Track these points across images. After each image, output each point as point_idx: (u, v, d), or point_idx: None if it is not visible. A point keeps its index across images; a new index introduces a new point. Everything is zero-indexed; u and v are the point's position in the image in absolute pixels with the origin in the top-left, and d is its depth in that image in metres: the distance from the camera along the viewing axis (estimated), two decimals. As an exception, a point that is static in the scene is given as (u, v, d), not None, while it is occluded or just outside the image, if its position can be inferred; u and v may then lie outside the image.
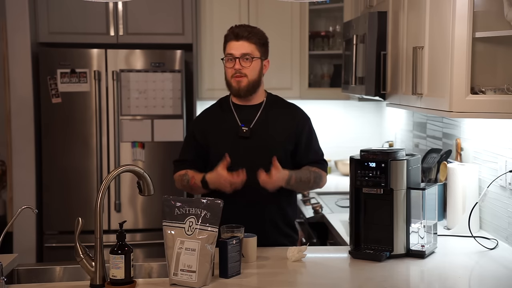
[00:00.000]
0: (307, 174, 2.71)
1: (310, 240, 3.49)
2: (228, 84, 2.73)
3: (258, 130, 2.72)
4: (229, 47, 2.68)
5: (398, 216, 2.47)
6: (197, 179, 2.68)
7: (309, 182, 2.73)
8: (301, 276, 2.32)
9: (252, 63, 2.67)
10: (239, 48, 2.65)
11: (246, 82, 2.68)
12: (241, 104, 2.76)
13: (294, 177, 2.65)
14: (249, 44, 2.66)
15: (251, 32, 2.68)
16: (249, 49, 2.66)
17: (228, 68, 2.69)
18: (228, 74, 2.71)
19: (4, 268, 2.18)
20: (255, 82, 2.70)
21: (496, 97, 2.32)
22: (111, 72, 4.23)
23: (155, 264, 2.45)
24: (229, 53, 2.67)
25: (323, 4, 4.59)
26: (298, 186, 2.72)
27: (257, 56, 2.68)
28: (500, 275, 2.31)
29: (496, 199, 2.78)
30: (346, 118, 4.98)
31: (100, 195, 2.13)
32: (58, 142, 4.26)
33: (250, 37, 2.66)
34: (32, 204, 4.18)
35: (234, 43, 2.67)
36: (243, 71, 2.66)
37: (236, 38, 2.66)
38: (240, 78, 2.67)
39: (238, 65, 2.65)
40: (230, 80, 2.70)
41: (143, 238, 4.29)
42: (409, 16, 2.94)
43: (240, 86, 2.68)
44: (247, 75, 2.67)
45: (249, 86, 2.69)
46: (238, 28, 2.69)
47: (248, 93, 2.71)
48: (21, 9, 4.21)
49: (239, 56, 2.65)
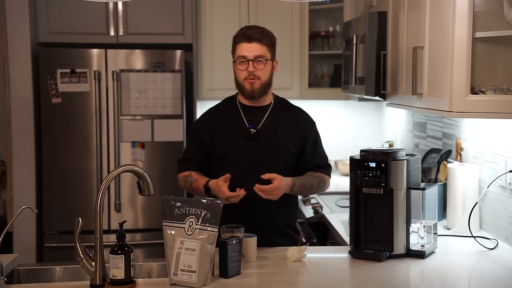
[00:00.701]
0: (310, 180, 2.73)
1: (310, 240, 3.49)
2: (240, 86, 2.71)
3: (265, 132, 2.72)
4: (240, 49, 2.66)
5: (398, 216, 2.47)
6: (201, 183, 2.67)
7: (312, 187, 2.75)
8: (301, 276, 2.32)
9: (266, 65, 2.67)
10: (252, 50, 2.64)
11: (259, 84, 2.68)
12: (249, 105, 2.76)
13: (297, 184, 2.67)
14: (262, 46, 2.66)
15: (263, 33, 2.67)
16: (262, 51, 2.66)
17: (240, 70, 2.68)
18: (240, 76, 2.69)
19: (4, 268, 2.18)
20: (267, 83, 2.71)
21: (496, 97, 2.32)
22: (111, 72, 4.23)
23: (155, 264, 2.45)
24: (242, 55, 2.66)
25: (323, 4, 4.59)
26: (301, 192, 2.74)
27: (269, 58, 2.68)
28: (500, 275, 2.31)
29: (496, 199, 2.78)
30: (346, 118, 4.98)
31: (100, 195, 2.13)
32: (58, 142, 4.26)
33: (262, 39, 2.66)
34: (32, 204, 4.18)
35: (246, 45, 2.65)
36: (256, 73, 2.66)
37: (249, 40, 2.65)
38: (254, 80, 2.67)
39: (252, 67, 2.65)
40: (243, 82, 2.69)
41: (143, 238, 4.29)
42: (409, 16, 2.94)
43: (254, 88, 2.68)
44: (260, 77, 2.67)
45: (262, 88, 2.69)
46: (250, 30, 2.67)
47: (261, 94, 2.71)
48: (21, 9, 4.21)
49: (252, 59, 2.64)
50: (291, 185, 2.64)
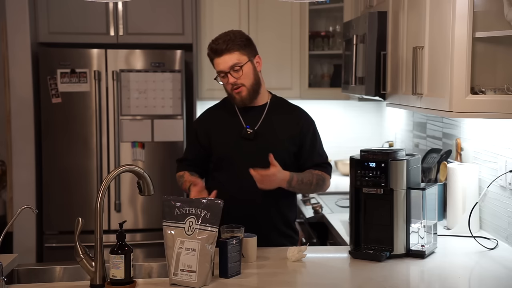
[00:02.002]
0: (309, 177, 2.71)
1: (310, 240, 3.49)
2: (231, 97, 2.73)
3: (262, 132, 2.72)
4: (216, 65, 2.68)
5: (398, 216, 2.46)
6: (186, 186, 2.70)
7: (311, 184, 2.72)
8: (301, 276, 2.32)
9: (243, 70, 2.65)
10: (224, 63, 2.64)
11: (245, 91, 2.68)
12: (246, 106, 2.76)
13: (295, 178, 2.65)
14: (231, 54, 2.64)
15: (228, 41, 2.64)
16: (234, 58, 2.64)
17: (224, 84, 2.70)
18: (227, 89, 2.72)
19: (4, 268, 2.18)
20: (254, 85, 2.70)
21: (496, 97, 2.32)
22: (111, 72, 4.23)
23: (155, 264, 2.45)
24: (219, 70, 2.67)
25: (323, 4, 4.59)
26: (300, 187, 2.71)
27: (245, 61, 2.66)
28: (500, 275, 2.31)
29: (496, 199, 2.78)
30: (346, 118, 4.98)
31: (100, 195, 2.13)
32: (58, 142, 4.26)
33: (229, 47, 2.63)
34: (32, 204, 4.18)
35: (217, 60, 2.66)
36: (238, 81, 2.66)
37: (218, 54, 2.65)
38: (239, 89, 2.67)
39: (232, 78, 2.65)
40: (232, 93, 2.70)
41: (143, 238, 4.29)
42: (409, 16, 2.94)
43: (242, 97, 2.69)
44: (244, 84, 2.67)
45: (250, 93, 2.69)
46: (215, 44, 2.66)
47: (252, 99, 2.72)
48: (21, 9, 4.21)
49: (228, 70, 2.64)
50: (289, 178, 2.62)
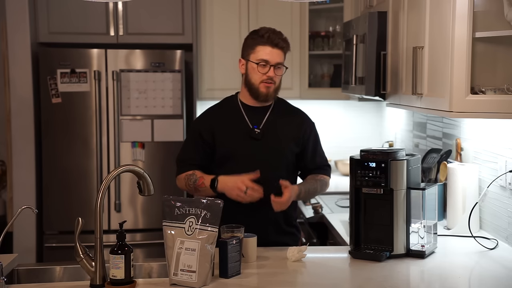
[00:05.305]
0: (314, 185, 2.78)
1: (310, 240, 3.49)
2: (253, 87, 2.71)
3: (268, 132, 2.74)
4: (263, 53, 2.67)
5: (398, 216, 2.47)
6: (206, 179, 2.67)
7: (316, 192, 2.81)
8: (301, 276, 2.32)
9: (282, 71, 2.72)
10: (275, 57, 2.67)
11: (273, 88, 2.72)
12: (251, 105, 2.77)
13: (303, 191, 2.72)
14: (283, 53, 2.70)
15: (285, 40, 2.70)
16: (282, 58, 2.70)
17: (259, 72, 2.68)
18: (256, 77, 2.69)
19: (4, 268, 2.18)
20: (279, 87, 2.76)
21: (496, 97, 2.32)
22: (111, 72, 4.23)
23: (155, 264, 2.45)
24: (265, 59, 2.66)
25: (323, 4, 4.59)
26: (306, 197, 2.86)
27: (284, 65, 2.73)
28: (500, 275, 2.31)
29: (496, 199, 2.78)
30: (346, 118, 4.98)
31: (100, 195, 2.13)
32: (58, 142, 4.26)
33: (284, 47, 2.69)
34: (32, 204, 4.18)
35: (270, 50, 2.66)
36: (274, 78, 2.69)
37: (274, 46, 2.67)
38: (270, 84, 2.70)
39: (272, 73, 2.68)
40: (258, 84, 2.70)
41: (143, 238, 4.29)
42: (409, 16, 2.94)
43: (269, 92, 2.71)
44: (275, 82, 2.71)
45: (275, 92, 2.75)
46: (275, 35, 2.68)
47: (272, 98, 2.76)
48: (21, 9, 4.21)
49: (274, 64, 2.67)
50: (298, 192, 2.68)
